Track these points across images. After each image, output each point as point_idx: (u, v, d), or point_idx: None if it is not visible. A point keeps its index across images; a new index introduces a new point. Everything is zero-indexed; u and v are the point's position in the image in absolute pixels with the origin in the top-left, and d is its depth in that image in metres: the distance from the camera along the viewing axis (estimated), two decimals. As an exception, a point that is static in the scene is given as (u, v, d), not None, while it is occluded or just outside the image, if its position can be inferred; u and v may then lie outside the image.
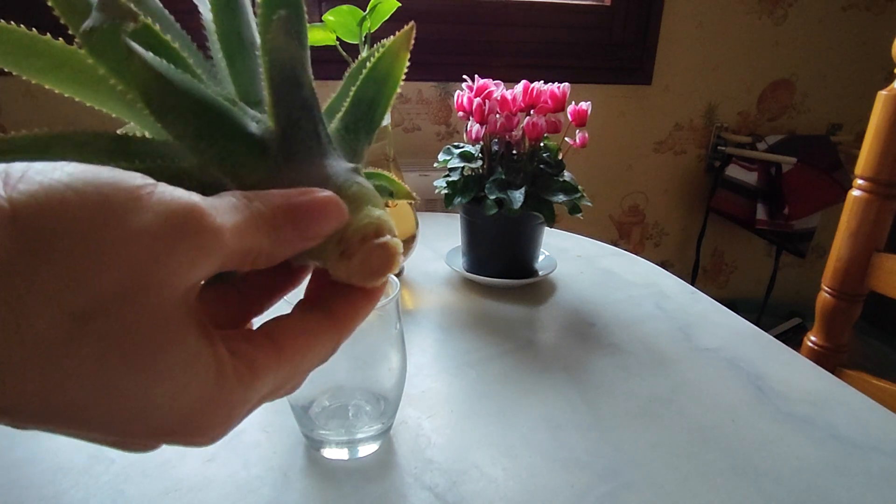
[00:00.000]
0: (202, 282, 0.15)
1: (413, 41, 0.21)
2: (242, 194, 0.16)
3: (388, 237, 0.19)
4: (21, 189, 0.12)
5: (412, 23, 0.21)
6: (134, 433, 0.14)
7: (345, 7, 0.55)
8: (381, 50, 0.21)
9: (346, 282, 0.19)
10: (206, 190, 0.16)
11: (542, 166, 0.64)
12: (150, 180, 0.14)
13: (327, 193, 0.18)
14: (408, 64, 0.22)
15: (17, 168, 0.13)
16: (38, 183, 0.12)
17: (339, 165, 0.20)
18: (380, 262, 0.19)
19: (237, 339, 0.16)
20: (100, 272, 0.13)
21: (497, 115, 0.62)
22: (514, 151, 0.64)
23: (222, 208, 0.15)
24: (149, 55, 0.16)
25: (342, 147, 0.21)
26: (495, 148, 0.64)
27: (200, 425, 0.15)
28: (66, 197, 0.12)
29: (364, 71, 0.21)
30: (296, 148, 0.19)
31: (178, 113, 0.17)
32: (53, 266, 0.12)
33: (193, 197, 0.14)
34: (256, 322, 0.21)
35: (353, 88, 0.22)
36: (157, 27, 0.17)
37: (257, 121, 0.19)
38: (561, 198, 0.62)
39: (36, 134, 0.17)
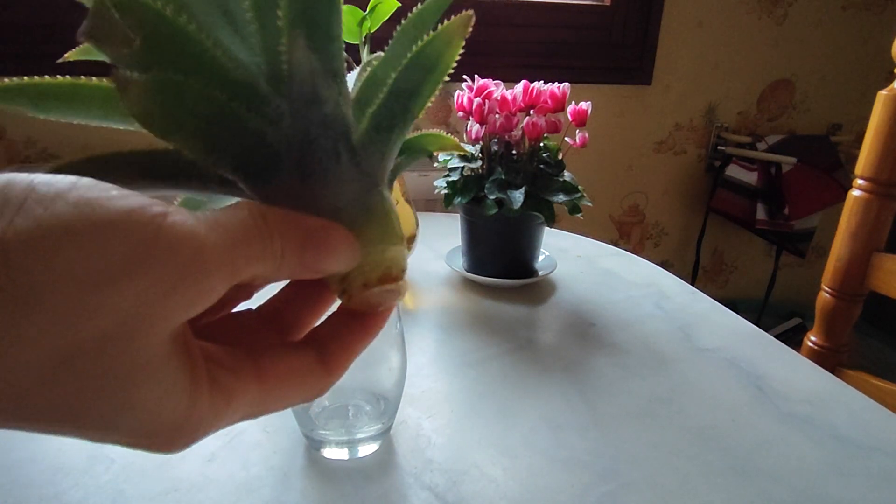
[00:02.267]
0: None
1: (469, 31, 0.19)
2: (257, 212, 0.16)
3: (391, 286, 0.19)
4: (17, 225, 0.12)
5: (471, 11, 0.19)
6: (102, 441, 0.15)
7: (345, 7, 0.55)
8: (431, 34, 0.19)
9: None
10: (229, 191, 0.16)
11: (542, 166, 0.64)
12: (159, 208, 0.14)
13: (341, 234, 0.18)
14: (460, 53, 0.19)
15: (18, 191, 0.12)
16: (35, 218, 0.12)
17: (358, 188, 0.19)
18: (379, 303, 0.19)
19: (222, 367, 0.16)
20: (89, 317, 0.12)
21: (497, 115, 0.62)
22: (514, 151, 0.64)
23: (231, 233, 0.15)
24: (140, 81, 0.15)
25: (370, 151, 0.19)
26: (495, 148, 0.64)
27: (167, 441, 0.15)
28: (61, 238, 0.12)
29: (408, 56, 0.19)
30: (311, 168, 0.18)
31: (182, 134, 0.16)
32: (41, 311, 0.12)
33: (200, 229, 0.14)
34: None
35: (393, 76, 0.19)
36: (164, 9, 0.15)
37: (279, 116, 0.18)
38: (561, 198, 0.62)
39: (90, 157, 0.17)
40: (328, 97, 0.18)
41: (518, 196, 0.59)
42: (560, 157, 0.66)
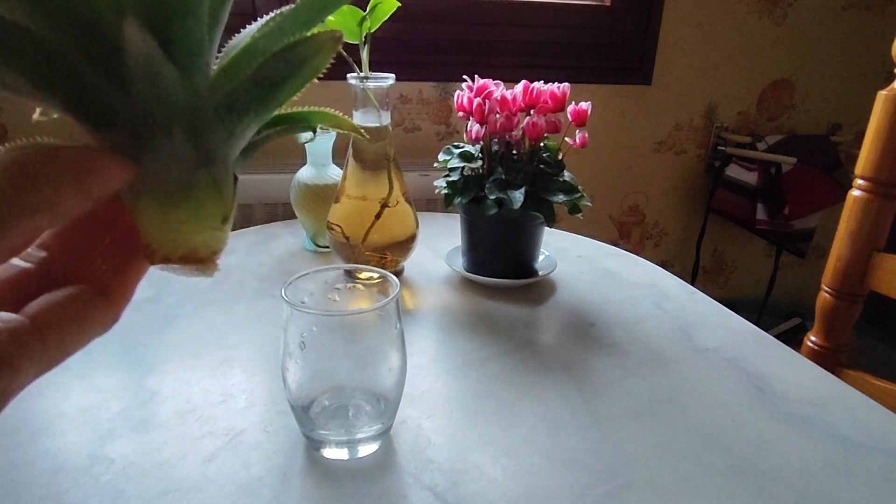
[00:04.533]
0: None
1: (341, 47, 0.18)
2: (14, 169, 0.15)
3: (193, 266, 0.18)
4: None
5: (341, 32, 0.18)
6: None
7: (345, 7, 0.55)
8: (309, 32, 0.18)
9: None
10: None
11: (542, 166, 0.64)
12: None
13: (106, 154, 0.17)
14: (331, 61, 0.18)
15: None
16: None
17: (186, 165, 0.18)
18: (182, 274, 0.19)
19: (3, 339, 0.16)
20: None
21: (497, 115, 0.62)
22: (514, 151, 0.64)
23: None
24: None
25: (214, 129, 0.18)
26: (495, 148, 0.64)
27: None
28: None
29: (280, 45, 0.18)
30: (142, 142, 0.17)
31: (11, 63, 0.15)
32: None
33: None
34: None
35: (258, 62, 0.18)
36: None
37: (118, 66, 0.16)
38: (561, 198, 0.62)
39: None
40: (165, 77, 0.17)
41: (518, 196, 0.59)
42: (560, 157, 0.66)
